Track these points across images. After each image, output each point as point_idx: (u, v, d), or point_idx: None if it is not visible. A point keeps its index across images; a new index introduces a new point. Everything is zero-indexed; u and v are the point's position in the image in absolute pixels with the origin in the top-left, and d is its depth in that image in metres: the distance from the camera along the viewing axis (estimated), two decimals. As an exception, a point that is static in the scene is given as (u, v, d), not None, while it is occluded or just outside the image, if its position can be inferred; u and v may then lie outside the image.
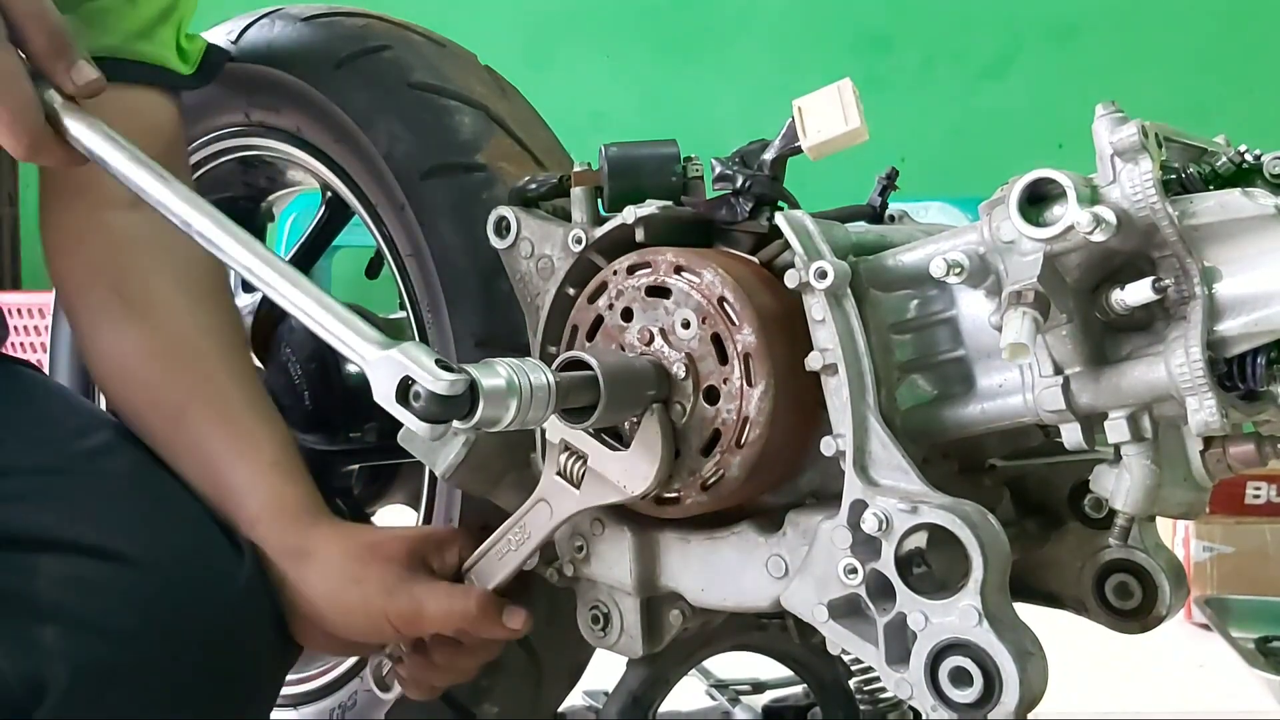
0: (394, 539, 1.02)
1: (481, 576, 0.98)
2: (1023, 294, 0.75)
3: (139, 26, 1.11)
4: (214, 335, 1.10)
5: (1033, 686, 0.75)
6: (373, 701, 1.20)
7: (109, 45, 1.09)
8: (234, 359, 1.10)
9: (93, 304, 1.11)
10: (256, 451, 1.05)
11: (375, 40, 1.20)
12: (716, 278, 0.86)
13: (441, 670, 1.01)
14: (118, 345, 1.10)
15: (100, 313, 1.11)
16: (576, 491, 0.90)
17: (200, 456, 1.04)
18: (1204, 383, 0.75)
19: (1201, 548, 2.35)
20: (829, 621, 0.83)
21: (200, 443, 1.04)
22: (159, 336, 1.09)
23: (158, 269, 1.09)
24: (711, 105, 3.88)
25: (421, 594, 0.97)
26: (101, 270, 1.10)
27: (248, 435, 1.05)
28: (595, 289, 0.92)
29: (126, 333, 1.09)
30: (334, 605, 0.99)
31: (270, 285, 0.86)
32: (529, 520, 0.94)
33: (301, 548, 1.01)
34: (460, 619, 0.96)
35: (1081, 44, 3.86)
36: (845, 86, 0.87)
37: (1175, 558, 0.98)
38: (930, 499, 0.78)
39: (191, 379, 1.07)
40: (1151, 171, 0.75)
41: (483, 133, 1.14)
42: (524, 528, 0.95)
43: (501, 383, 0.78)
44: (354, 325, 0.82)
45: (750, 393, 0.84)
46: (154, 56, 1.13)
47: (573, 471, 0.90)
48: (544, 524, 0.93)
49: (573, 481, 0.90)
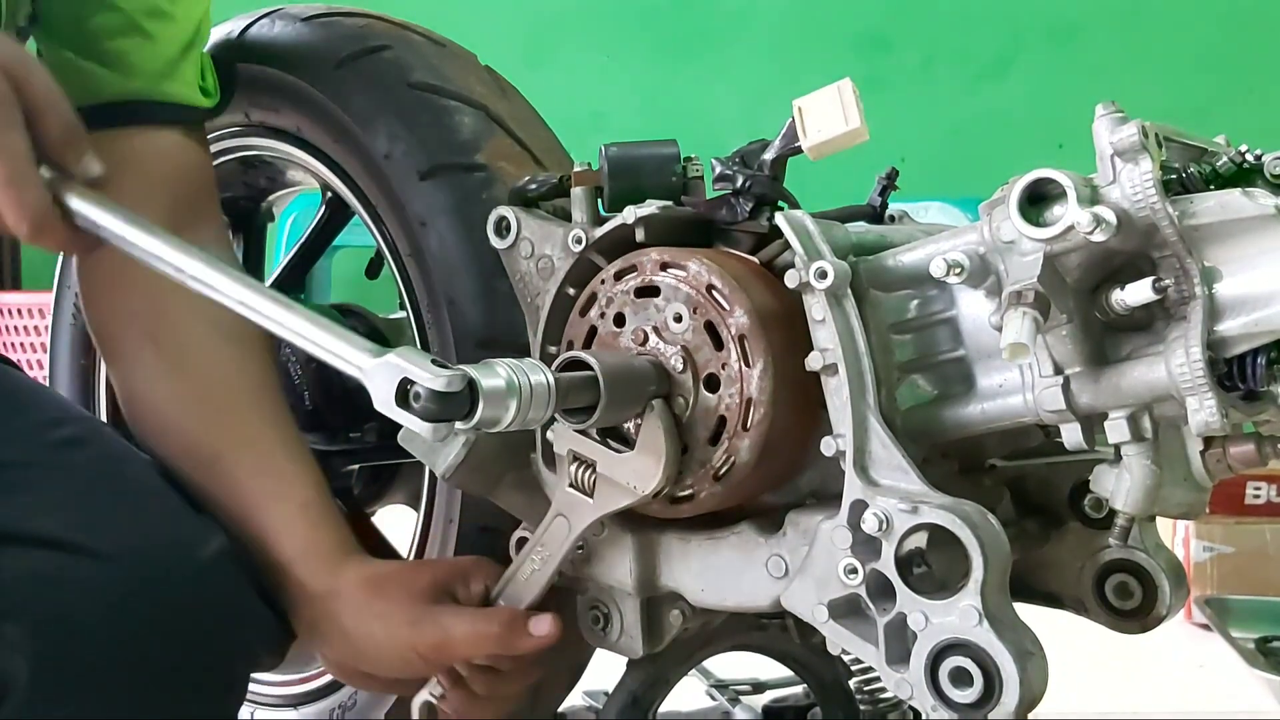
0: (417, 572, 1.03)
1: (511, 601, 0.97)
2: (1023, 294, 0.75)
3: (161, 66, 1.12)
4: (247, 378, 1.11)
5: (1033, 686, 0.75)
6: (373, 701, 1.21)
7: (134, 89, 1.10)
8: (267, 402, 1.11)
9: (129, 351, 1.12)
10: (289, 495, 1.05)
11: (375, 40, 1.20)
12: (702, 267, 0.86)
13: (484, 701, 1.00)
14: (153, 392, 1.11)
15: (135, 360, 1.12)
16: (590, 500, 0.90)
17: (235, 501, 1.05)
18: (1204, 383, 0.75)
19: (1201, 548, 2.35)
20: (829, 621, 0.83)
21: (234, 488, 1.05)
22: (193, 383, 1.10)
23: (192, 314, 1.09)
24: (711, 105, 3.88)
25: (447, 622, 0.96)
26: (136, 316, 1.11)
27: (280, 479, 1.06)
28: (585, 301, 0.92)
29: (161, 380, 1.10)
30: (363, 642, 1.00)
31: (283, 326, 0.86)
32: (549, 538, 0.94)
33: (333, 589, 1.01)
34: (487, 640, 0.95)
35: (1081, 44, 3.85)
36: (845, 86, 0.87)
37: (1175, 558, 0.98)
38: (930, 499, 0.79)
39: (225, 424, 1.08)
40: (1152, 171, 0.75)
41: (482, 133, 1.14)
42: (545, 546, 0.95)
43: (501, 383, 0.78)
44: (347, 339, 0.82)
45: (750, 373, 0.84)
46: (179, 96, 1.14)
47: (584, 481, 0.90)
48: (564, 538, 0.93)
49: (586, 491, 0.90)
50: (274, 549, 1.03)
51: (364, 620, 0.99)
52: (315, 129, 1.23)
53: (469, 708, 1.01)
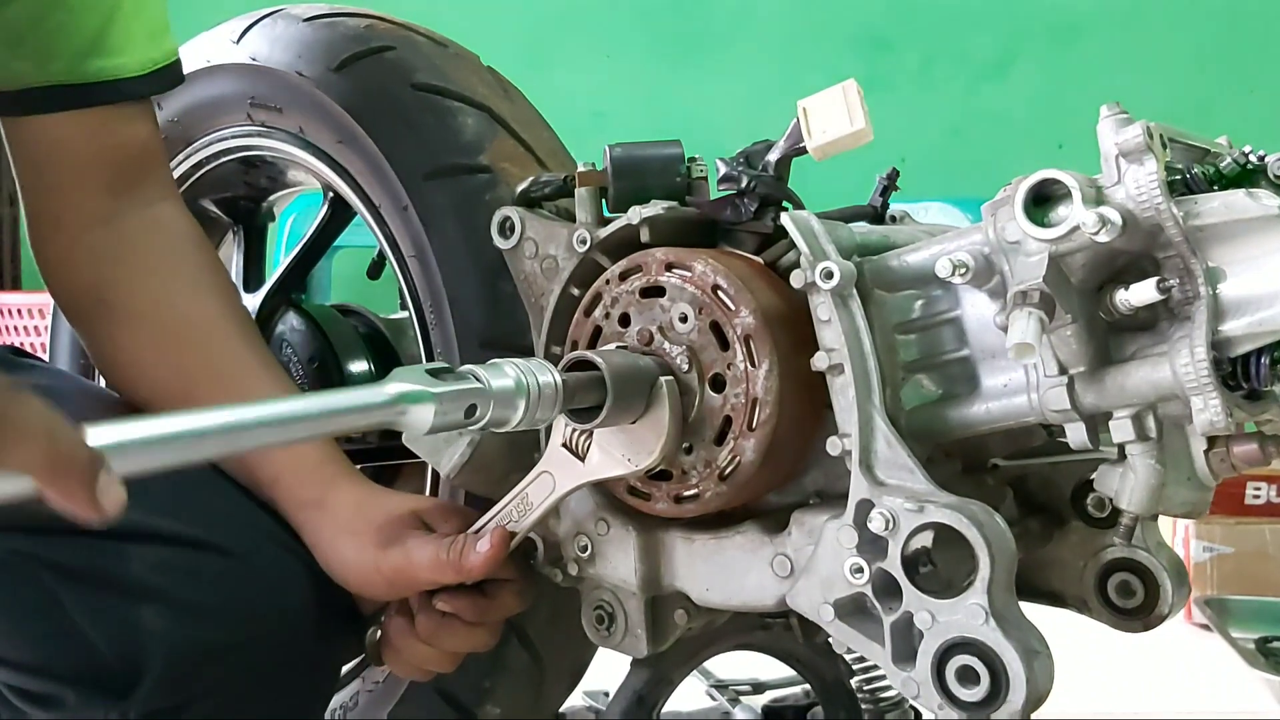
0: (400, 500, 1.02)
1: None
2: (1028, 294, 0.75)
3: (82, 44, 1.07)
4: (210, 312, 1.10)
5: (1039, 685, 0.75)
6: (374, 701, 1.21)
7: (55, 71, 1.06)
8: (233, 329, 1.09)
9: (88, 316, 1.12)
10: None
11: (378, 41, 1.20)
12: (707, 268, 0.86)
13: (425, 650, 1.00)
14: (116, 346, 1.11)
15: (95, 322, 1.11)
16: (581, 464, 0.90)
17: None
18: (1208, 382, 0.75)
19: (1201, 548, 2.35)
20: (835, 621, 0.83)
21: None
22: (151, 328, 1.09)
23: (142, 273, 1.10)
24: (711, 106, 3.88)
25: (411, 544, 0.96)
26: (89, 288, 1.10)
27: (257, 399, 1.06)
28: (590, 301, 0.92)
29: (121, 333, 1.10)
30: (332, 555, 1.00)
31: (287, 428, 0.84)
32: (532, 491, 0.94)
33: (318, 499, 1.01)
34: (445, 567, 0.95)
35: (1082, 44, 3.86)
36: (850, 87, 0.87)
37: (1177, 557, 0.98)
38: (936, 498, 0.79)
39: (193, 358, 1.07)
40: (1156, 172, 0.75)
41: (486, 133, 1.14)
42: (526, 498, 0.94)
43: (510, 383, 0.78)
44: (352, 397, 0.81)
45: (755, 373, 0.85)
46: (104, 73, 1.08)
47: (578, 444, 0.90)
48: (547, 495, 0.93)
49: (578, 454, 0.90)
50: (260, 467, 1.03)
51: (339, 535, 0.99)
52: (318, 129, 1.23)
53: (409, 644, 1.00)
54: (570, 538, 0.96)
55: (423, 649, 1.00)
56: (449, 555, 0.94)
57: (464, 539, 0.95)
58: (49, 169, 1.07)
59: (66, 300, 1.14)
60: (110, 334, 1.11)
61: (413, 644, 1.00)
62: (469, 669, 1.07)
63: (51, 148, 1.07)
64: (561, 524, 0.97)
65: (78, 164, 1.09)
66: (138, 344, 1.09)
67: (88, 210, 1.09)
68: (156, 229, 1.12)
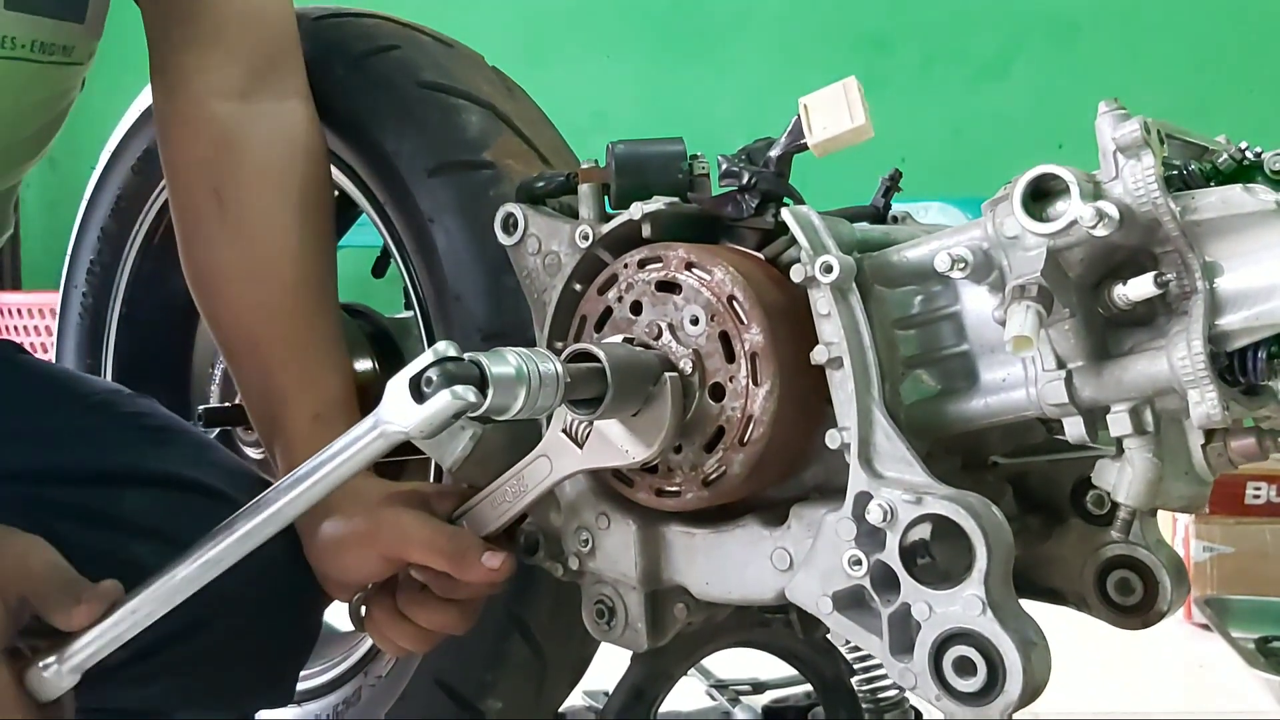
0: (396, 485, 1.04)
1: (473, 523, 0.98)
2: (1026, 288, 0.76)
3: None
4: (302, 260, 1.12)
5: (1036, 676, 0.75)
6: (375, 698, 1.21)
7: None
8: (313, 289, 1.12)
9: (196, 205, 1.12)
10: (307, 399, 1.07)
11: (385, 40, 1.21)
12: (727, 276, 0.86)
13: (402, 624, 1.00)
14: (213, 257, 1.12)
15: (202, 220, 1.12)
16: (579, 450, 0.91)
17: (260, 389, 1.09)
18: (1205, 376, 0.75)
19: (1201, 548, 2.35)
20: (833, 613, 0.83)
21: (264, 378, 1.09)
22: (250, 255, 1.11)
23: (261, 175, 1.11)
24: (711, 105, 3.88)
25: (407, 521, 0.97)
26: (207, 169, 1.11)
27: (302, 383, 1.08)
28: (606, 280, 0.92)
29: (223, 248, 1.11)
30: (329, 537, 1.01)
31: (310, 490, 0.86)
32: (528, 474, 0.94)
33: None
34: (440, 552, 0.95)
35: (1081, 44, 3.86)
36: (851, 84, 0.87)
37: (1176, 554, 0.98)
38: (934, 490, 0.79)
39: (271, 309, 1.10)
40: (1154, 167, 0.76)
41: (490, 131, 1.15)
42: (521, 480, 0.95)
43: (511, 370, 0.78)
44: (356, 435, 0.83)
45: (755, 392, 0.85)
46: None
47: (578, 431, 0.91)
48: (541, 479, 0.93)
49: (577, 440, 0.91)
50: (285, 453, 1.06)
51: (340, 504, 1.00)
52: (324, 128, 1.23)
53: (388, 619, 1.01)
54: (571, 532, 0.97)
55: (399, 623, 1.00)
56: (451, 546, 0.95)
57: (471, 539, 0.96)
58: (189, 21, 1.05)
59: (180, 182, 1.14)
60: (212, 236, 1.11)
61: (391, 616, 1.00)
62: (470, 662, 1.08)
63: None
64: (562, 518, 0.97)
65: (218, 20, 1.10)
66: (232, 261, 1.11)
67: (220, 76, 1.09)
68: (282, 126, 1.13)
